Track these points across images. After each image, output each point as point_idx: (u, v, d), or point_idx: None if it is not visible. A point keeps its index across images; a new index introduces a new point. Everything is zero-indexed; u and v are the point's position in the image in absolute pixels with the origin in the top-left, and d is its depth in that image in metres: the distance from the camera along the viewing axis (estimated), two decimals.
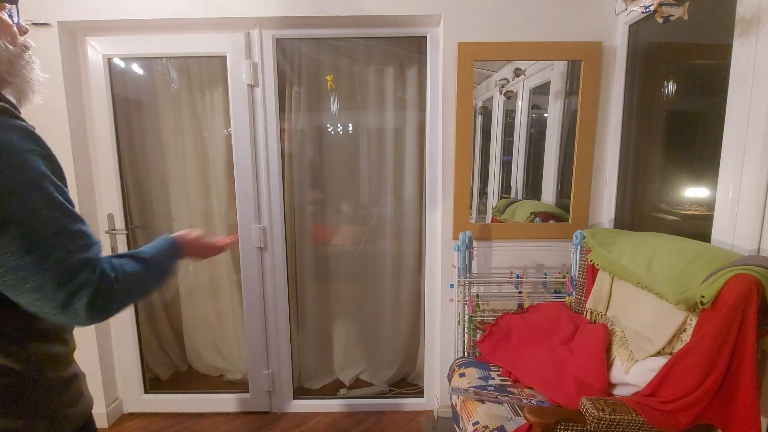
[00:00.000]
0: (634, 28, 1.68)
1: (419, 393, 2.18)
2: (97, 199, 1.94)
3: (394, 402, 2.14)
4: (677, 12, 1.18)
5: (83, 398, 0.78)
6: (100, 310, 0.63)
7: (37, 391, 0.69)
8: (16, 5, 0.72)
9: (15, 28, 0.71)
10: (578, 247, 1.66)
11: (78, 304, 0.61)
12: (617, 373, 1.23)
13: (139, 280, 0.72)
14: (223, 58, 1.83)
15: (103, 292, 0.63)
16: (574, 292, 1.66)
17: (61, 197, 0.63)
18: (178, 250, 0.87)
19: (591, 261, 1.53)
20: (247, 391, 2.10)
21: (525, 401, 1.28)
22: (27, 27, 0.74)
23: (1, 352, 0.64)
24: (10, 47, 0.70)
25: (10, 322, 0.65)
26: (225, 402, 2.11)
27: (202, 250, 0.97)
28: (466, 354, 1.79)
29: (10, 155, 0.57)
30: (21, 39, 0.73)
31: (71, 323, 0.65)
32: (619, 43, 1.73)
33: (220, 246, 1.01)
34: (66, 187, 0.67)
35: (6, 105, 0.61)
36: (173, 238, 0.88)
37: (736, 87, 1.18)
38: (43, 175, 0.61)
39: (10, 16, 0.71)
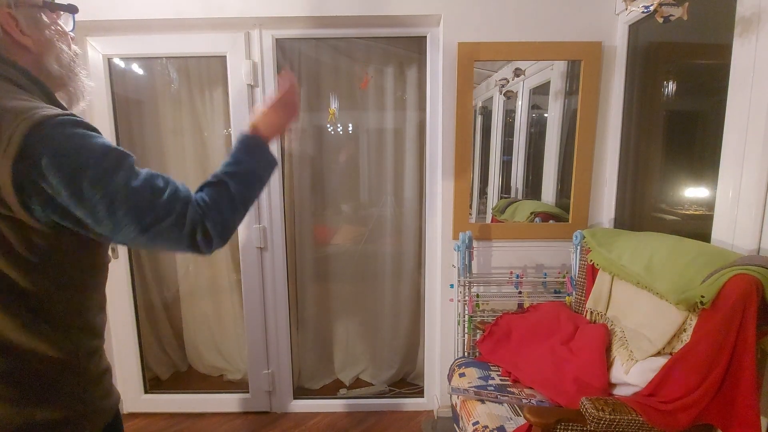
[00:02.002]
0: (634, 28, 1.68)
1: (419, 393, 2.18)
2: None
3: (394, 402, 2.14)
4: (677, 12, 1.18)
5: (113, 392, 0.80)
6: (218, 237, 0.70)
7: (77, 383, 0.70)
8: (73, 15, 0.76)
9: (70, 36, 0.76)
10: (578, 247, 1.66)
11: (198, 240, 0.68)
12: (617, 373, 1.23)
13: (230, 199, 0.73)
14: (223, 58, 1.82)
15: (210, 222, 0.68)
16: (574, 292, 1.66)
17: (133, 162, 0.69)
18: (260, 143, 0.83)
19: (591, 261, 1.53)
20: (247, 391, 2.10)
21: (525, 401, 1.27)
22: (74, 35, 0.78)
23: (46, 341, 0.65)
24: (70, 52, 0.75)
25: (57, 312, 0.66)
26: (225, 402, 2.11)
27: (286, 115, 0.88)
28: (466, 354, 1.79)
29: (92, 145, 0.62)
30: (73, 46, 0.77)
31: (204, 253, 0.71)
32: (619, 43, 1.73)
33: (291, 96, 0.88)
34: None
35: (67, 110, 0.64)
36: (249, 135, 0.82)
37: (736, 87, 1.18)
38: (121, 152, 0.67)
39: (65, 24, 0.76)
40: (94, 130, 0.65)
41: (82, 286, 0.70)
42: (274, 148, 0.83)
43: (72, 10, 0.76)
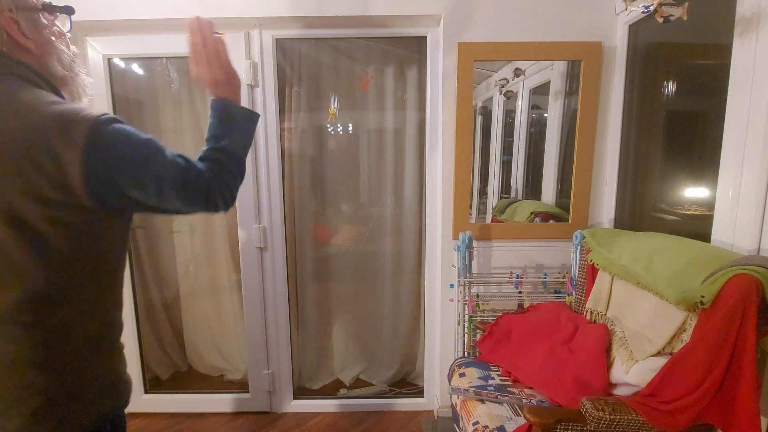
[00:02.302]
0: (634, 28, 1.68)
1: (419, 393, 2.18)
2: None
3: (394, 402, 2.14)
4: (677, 12, 1.18)
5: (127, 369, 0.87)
6: (226, 198, 0.80)
7: (110, 353, 0.79)
8: (70, 16, 0.79)
9: (67, 37, 0.79)
10: (578, 247, 1.66)
11: (216, 198, 0.77)
12: (617, 373, 1.23)
13: (226, 168, 0.80)
14: None
15: (216, 185, 0.77)
16: (574, 292, 1.66)
17: (160, 142, 0.75)
18: (230, 106, 0.83)
19: (591, 261, 1.53)
20: (247, 391, 2.10)
21: (525, 401, 1.27)
22: (71, 35, 0.81)
23: (82, 315, 0.71)
24: (69, 52, 0.78)
25: (94, 287, 0.72)
26: (225, 402, 2.11)
27: (210, 71, 0.83)
28: (466, 354, 1.79)
29: (131, 136, 0.70)
30: (71, 46, 0.80)
31: (221, 210, 0.80)
32: (619, 43, 1.73)
33: (196, 43, 0.84)
34: None
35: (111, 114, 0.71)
36: (217, 102, 0.83)
37: (736, 87, 1.18)
38: (148, 138, 0.72)
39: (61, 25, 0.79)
40: (125, 122, 0.72)
41: (116, 265, 0.78)
42: (245, 102, 0.86)
43: (69, 11, 0.78)
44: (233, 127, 0.83)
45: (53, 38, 0.74)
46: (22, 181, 0.61)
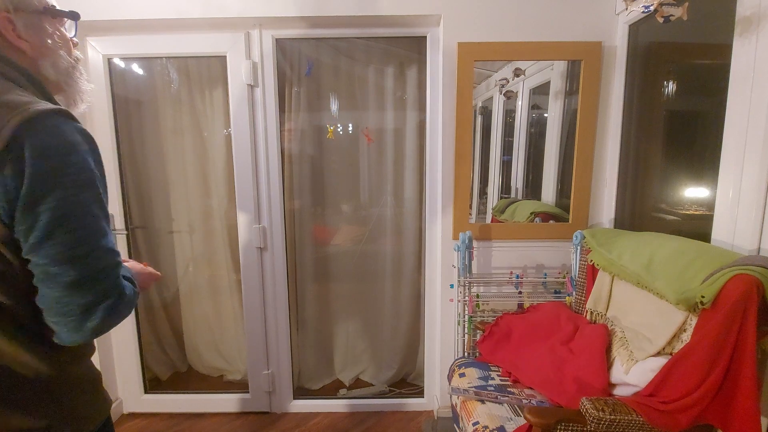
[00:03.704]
0: (634, 28, 1.68)
1: (419, 393, 2.18)
2: None
3: (394, 402, 2.14)
4: (677, 12, 1.18)
5: (103, 398, 0.80)
6: (105, 324, 0.65)
7: (63, 391, 0.70)
8: (76, 21, 0.78)
9: (71, 42, 0.78)
10: (578, 247, 1.66)
11: (97, 311, 0.63)
12: (617, 373, 1.23)
13: (130, 303, 0.72)
14: (223, 58, 1.82)
15: (120, 305, 0.66)
16: (574, 292, 1.66)
17: (104, 200, 0.68)
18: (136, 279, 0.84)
19: (591, 261, 1.53)
20: (247, 392, 2.10)
21: (525, 401, 1.27)
22: (77, 41, 0.80)
23: (28, 351, 0.65)
24: (69, 58, 0.77)
25: (39, 319, 0.65)
26: (225, 402, 2.11)
27: (144, 281, 0.90)
28: (466, 354, 1.79)
29: (77, 155, 0.62)
30: (75, 52, 0.79)
31: (74, 334, 0.64)
32: (619, 43, 1.73)
33: (152, 275, 0.93)
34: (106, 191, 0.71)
35: (67, 109, 0.65)
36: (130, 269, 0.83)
37: (736, 87, 1.18)
38: (96, 176, 0.66)
39: (66, 30, 0.78)
40: (82, 133, 0.66)
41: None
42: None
43: (74, 17, 0.77)
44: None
45: (50, 41, 0.73)
46: None
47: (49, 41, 0.73)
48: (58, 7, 0.75)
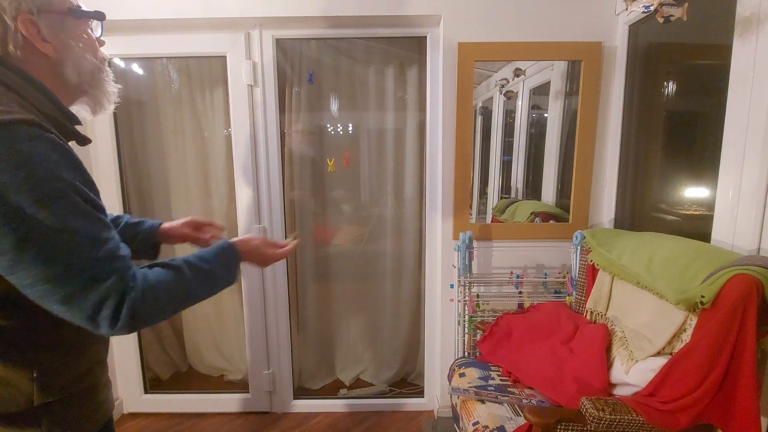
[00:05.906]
0: (634, 28, 1.68)
1: (419, 393, 2.18)
2: None
3: (395, 402, 2.14)
4: (677, 12, 1.18)
5: (105, 403, 0.79)
6: (126, 321, 0.61)
7: (61, 406, 0.69)
8: (102, 22, 0.76)
9: (97, 42, 0.76)
10: (578, 247, 1.66)
11: (102, 314, 0.60)
12: (617, 373, 1.23)
13: (169, 289, 0.68)
14: (223, 58, 1.83)
15: (128, 301, 0.61)
16: (574, 292, 1.66)
17: (91, 206, 0.62)
18: (235, 255, 0.84)
19: (591, 261, 1.53)
20: (248, 391, 2.10)
21: (525, 401, 1.28)
22: (104, 40, 0.78)
23: (7, 360, 0.64)
24: (94, 60, 0.74)
25: (33, 340, 0.65)
26: (225, 402, 2.11)
27: (264, 258, 0.93)
28: (466, 354, 1.79)
29: (35, 166, 0.56)
30: (101, 52, 0.77)
31: (100, 333, 0.62)
32: (619, 43, 1.73)
33: (283, 253, 0.96)
34: (98, 196, 0.66)
35: (35, 118, 0.59)
36: (230, 243, 0.84)
37: (736, 87, 1.18)
38: (69, 184, 0.59)
39: (92, 30, 0.75)
40: (48, 141, 0.60)
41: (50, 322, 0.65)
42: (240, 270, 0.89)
43: (99, 17, 0.74)
44: (219, 269, 0.79)
45: (72, 42, 0.70)
46: None
47: (73, 43, 0.70)
48: (83, 8, 0.72)
